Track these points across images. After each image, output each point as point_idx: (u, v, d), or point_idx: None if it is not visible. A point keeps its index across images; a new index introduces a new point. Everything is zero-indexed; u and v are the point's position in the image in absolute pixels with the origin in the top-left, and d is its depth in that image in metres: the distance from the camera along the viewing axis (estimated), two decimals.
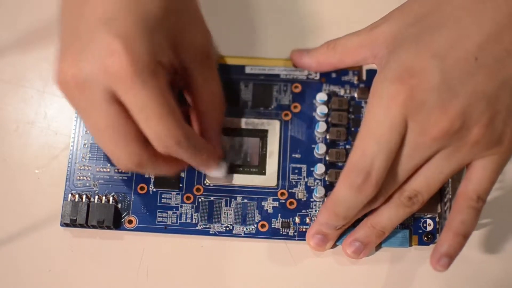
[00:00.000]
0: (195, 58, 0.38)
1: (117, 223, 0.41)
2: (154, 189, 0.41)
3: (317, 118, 0.42)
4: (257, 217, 0.41)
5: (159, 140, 0.34)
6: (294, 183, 0.41)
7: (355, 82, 0.43)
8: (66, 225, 0.41)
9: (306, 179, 0.41)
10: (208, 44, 0.39)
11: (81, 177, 0.42)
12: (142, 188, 0.41)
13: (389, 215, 0.38)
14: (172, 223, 0.41)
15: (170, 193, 0.41)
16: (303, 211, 0.41)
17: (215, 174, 0.40)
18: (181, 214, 0.41)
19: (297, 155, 0.42)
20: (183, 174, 0.42)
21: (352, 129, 0.42)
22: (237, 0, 0.45)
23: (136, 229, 0.41)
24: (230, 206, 0.41)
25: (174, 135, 0.34)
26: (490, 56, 0.34)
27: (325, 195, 0.41)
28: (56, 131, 0.43)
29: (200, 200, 0.41)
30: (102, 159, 0.42)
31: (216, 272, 0.40)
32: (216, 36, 0.44)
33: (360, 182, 0.35)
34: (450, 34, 0.35)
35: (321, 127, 0.42)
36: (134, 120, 0.34)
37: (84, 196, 0.41)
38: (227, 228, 0.41)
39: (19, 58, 0.44)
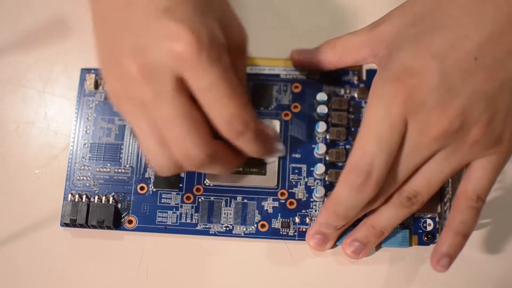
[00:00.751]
0: (233, 47, 0.38)
1: (117, 223, 0.41)
2: (154, 189, 0.41)
3: (317, 118, 0.42)
4: (257, 217, 0.41)
5: (228, 122, 0.34)
6: (294, 183, 0.41)
7: (355, 82, 0.43)
8: (66, 225, 0.41)
9: (306, 179, 0.41)
10: (244, 35, 0.39)
11: (81, 177, 0.42)
12: (142, 188, 0.41)
13: (389, 215, 0.38)
14: (172, 223, 0.41)
15: (170, 193, 0.41)
16: (303, 211, 0.41)
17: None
18: (181, 214, 0.41)
19: (297, 155, 0.42)
20: (183, 174, 0.42)
21: (352, 129, 0.42)
22: (237, 0, 0.45)
23: (136, 229, 0.41)
24: (230, 206, 0.41)
25: (243, 116, 0.35)
26: (490, 56, 0.34)
27: (325, 195, 0.41)
28: (56, 131, 0.43)
29: (200, 200, 0.41)
30: (102, 159, 0.42)
31: (216, 272, 0.40)
32: None
33: (360, 182, 0.35)
34: (450, 34, 0.35)
35: (321, 127, 0.42)
36: (201, 108, 0.34)
37: (84, 196, 0.41)
38: (227, 228, 0.41)
39: (19, 58, 0.44)
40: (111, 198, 0.41)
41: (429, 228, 0.41)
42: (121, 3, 0.35)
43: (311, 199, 0.41)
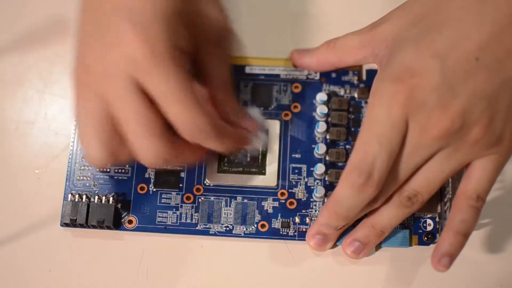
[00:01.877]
0: (209, 42, 0.38)
1: (117, 223, 0.41)
2: (154, 189, 0.41)
3: (317, 118, 0.42)
4: (257, 217, 0.41)
5: (184, 127, 0.35)
6: (294, 183, 0.41)
7: (355, 82, 0.43)
8: (66, 225, 0.40)
9: (306, 179, 0.41)
10: (223, 27, 0.38)
11: (81, 177, 0.42)
12: (142, 188, 0.41)
13: (389, 215, 0.38)
14: (172, 223, 0.41)
15: (170, 193, 0.41)
16: (303, 211, 0.41)
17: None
18: (181, 214, 0.41)
19: (297, 155, 0.42)
20: (183, 174, 0.42)
21: (352, 129, 0.42)
22: (237, 0, 0.45)
23: (136, 229, 0.41)
24: (230, 206, 0.41)
25: (197, 122, 0.35)
26: (490, 56, 0.35)
27: (325, 195, 0.41)
28: (56, 131, 0.43)
29: (200, 200, 0.41)
30: None
31: (216, 272, 0.40)
32: None
33: (361, 182, 0.35)
34: (451, 34, 0.35)
35: (321, 127, 0.42)
36: (160, 111, 0.34)
37: (84, 196, 0.41)
38: (227, 228, 0.41)
39: (19, 58, 0.44)
40: (111, 198, 0.41)
41: (429, 228, 0.41)
42: None
43: (311, 199, 0.41)
